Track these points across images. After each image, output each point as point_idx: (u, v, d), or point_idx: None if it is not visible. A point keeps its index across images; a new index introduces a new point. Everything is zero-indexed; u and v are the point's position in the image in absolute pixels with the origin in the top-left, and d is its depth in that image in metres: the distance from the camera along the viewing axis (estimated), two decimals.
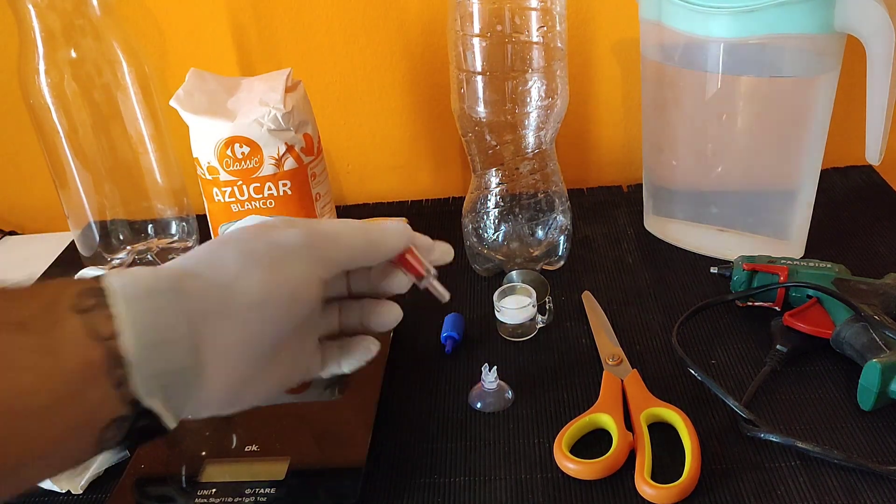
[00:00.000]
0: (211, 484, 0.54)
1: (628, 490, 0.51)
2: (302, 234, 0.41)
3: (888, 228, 0.78)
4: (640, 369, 0.60)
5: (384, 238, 0.45)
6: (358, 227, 0.44)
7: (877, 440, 0.54)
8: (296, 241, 0.40)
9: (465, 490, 0.53)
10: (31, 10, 0.70)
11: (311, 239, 0.41)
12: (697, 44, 0.67)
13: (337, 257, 0.42)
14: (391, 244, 0.46)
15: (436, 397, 0.62)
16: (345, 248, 0.43)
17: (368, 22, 0.86)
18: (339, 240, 0.43)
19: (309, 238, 0.41)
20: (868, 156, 0.65)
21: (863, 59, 0.61)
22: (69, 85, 0.73)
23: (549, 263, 0.76)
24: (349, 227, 0.44)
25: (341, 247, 0.43)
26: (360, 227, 0.44)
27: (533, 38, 0.65)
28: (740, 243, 0.74)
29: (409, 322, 0.71)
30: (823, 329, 0.60)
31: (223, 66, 0.89)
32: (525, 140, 0.69)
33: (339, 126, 0.92)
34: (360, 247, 0.44)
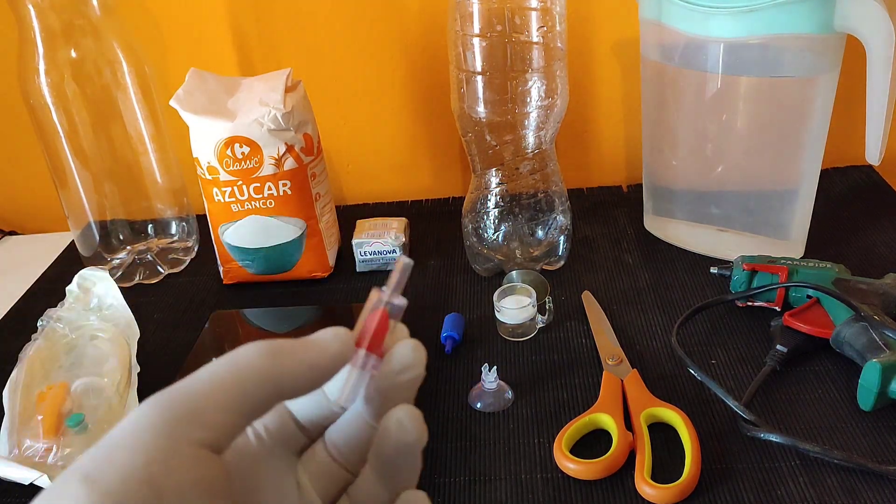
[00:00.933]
0: None
1: (628, 490, 0.51)
2: (146, 404, 0.26)
3: (888, 228, 0.78)
4: (640, 369, 0.60)
5: (298, 349, 0.29)
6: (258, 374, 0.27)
7: (877, 440, 0.54)
8: (133, 416, 0.25)
9: (465, 490, 0.53)
10: (31, 10, 0.70)
11: (159, 405, 0.26)
12: (697, 44, 0.67)
13: (213, 408, 0.26)
14: (319, 380, 0.29)
15: (436, 397, 0.62)
16: (224, 395, 0.26)
17: (368, 22, 0.86)
18: (208, 383, 0.26)
19: (155, 405, 0.26)
20: (868, 156, 0.65)
21: (863, 59, 0.61)
22: (69, 85, 0.73)
23: (549, 263, 0.76)
24: (243, 375, 0.27)
25: (215, 391, 0.26)
26: (262, 376, 0.27)
27: (533, 38, 0.65)
28: (740, 243, 0.74)
29: (409, 322, 0.71)
30: (823, 329, 0.60)
31: (223, 66, 0.89)
32: (525, 140, 0.69)
33: (339, 126, 0.92)
34: (266, 404, 0.27)
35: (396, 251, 0.77)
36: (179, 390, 0.26)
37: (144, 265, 0.82)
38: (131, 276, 0.81)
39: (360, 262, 0.78)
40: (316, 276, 0.78)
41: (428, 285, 0.76)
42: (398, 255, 0.77)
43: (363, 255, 0.78)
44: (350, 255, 0.78)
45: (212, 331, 0.70)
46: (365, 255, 0.78)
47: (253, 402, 0.27)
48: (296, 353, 0.28)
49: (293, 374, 0.28)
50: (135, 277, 0.81)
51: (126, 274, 0.81)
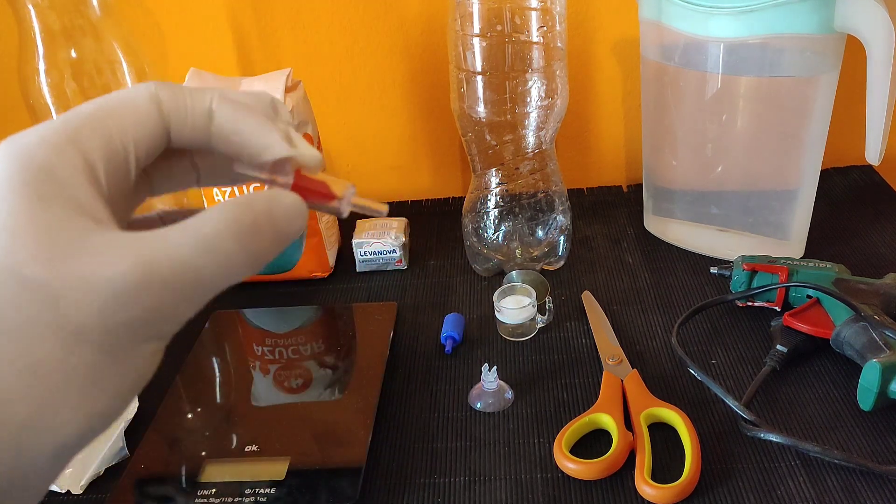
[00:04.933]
0: (211, 484, 0.54)
1: (628, 490, 0.51)
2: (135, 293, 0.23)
3: (888, 228, 0.78)
4: (640, 369, 0.60)
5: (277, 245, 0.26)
6: (233, 240, 0.24)
7: (877, 440, 0.54)
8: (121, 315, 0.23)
9: (465, 490, 0.53)
10: (31, 10, 0.70)
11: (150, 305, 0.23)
12: (697, 44, 0.67)
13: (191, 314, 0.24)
14: (284, 246, 0.26)
15: (436, 397, 0.62)
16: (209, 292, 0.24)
17: (368, 22, 0.86)
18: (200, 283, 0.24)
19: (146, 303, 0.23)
20: (868, 156, 0.65)
21: (863, 59, 0.61)
22: (69, 85, 0.73)
23: (549, 263, 0.76)
24: (217, 240, 0.24)
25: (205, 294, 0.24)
26: (238, 240, 0.24)
27: (533, 38, 0.65)
28: (740, 243, 0.74)
29: (409, 322, 0.71)
30: (823, 329, 0.60)
31: (223, 66, 0.89)
32: (525, 140, 0.69)
33: (339, 126, 0.92)
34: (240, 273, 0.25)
35: (396, 251, 0.77)
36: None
37: None
38: None
39: (360, 262, 0.78)
40: (316, 276, 0.78)
41: (428, 285, 0.76)
42: (398, 255, 0.77)
43: (363, 255, 0.78)
44: (350, 255, 0.78)
45: (212, 331, 0.70)
46: (365, 255, 0.78)
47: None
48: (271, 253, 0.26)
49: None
50: None
51: None
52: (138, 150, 0.26)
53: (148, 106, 0.26)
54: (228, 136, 0.27)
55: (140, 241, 0.23)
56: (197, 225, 0.24)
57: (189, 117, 0.27)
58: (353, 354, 0.66)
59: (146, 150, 0.26)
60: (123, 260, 0.23)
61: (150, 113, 0.26)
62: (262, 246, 0.25)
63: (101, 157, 0.24)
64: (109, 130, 0.25)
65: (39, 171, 0.23)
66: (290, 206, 0.26)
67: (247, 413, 0.60)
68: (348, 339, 0.69)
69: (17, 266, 0.22)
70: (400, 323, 0.71)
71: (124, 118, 0.25)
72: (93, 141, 0.24)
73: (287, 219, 0.26)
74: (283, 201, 0.26)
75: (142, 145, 0.26)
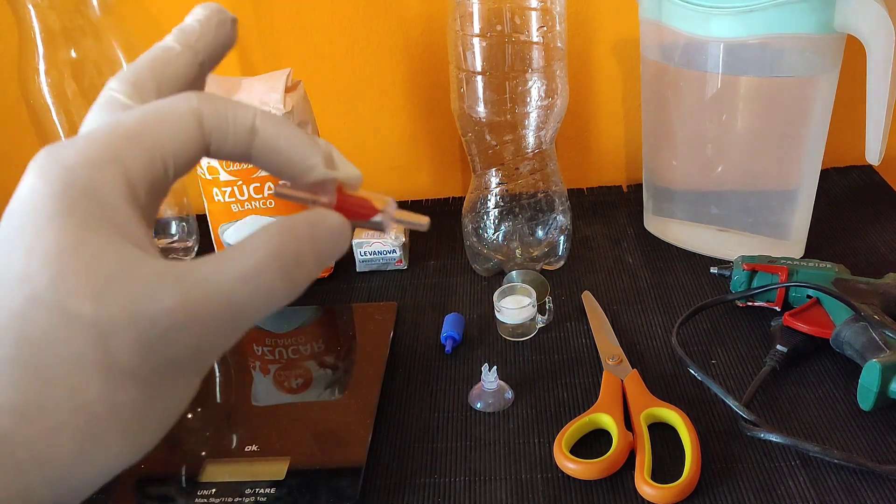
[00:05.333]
0: (211, 484, 0.54)
1: (628, 490, 0.51)
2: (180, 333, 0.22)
3: (888, 228, 0.78)
4: (640, 369, 0.60)
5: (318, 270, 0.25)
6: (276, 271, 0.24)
7: (877, 440, 0.54)
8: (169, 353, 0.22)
9: (465, 490, 0.53)
10: (31, 10, 0.70)
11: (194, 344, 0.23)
12: (697, 44, 0.67)
13: (228, 348, 0.24)
14: (323, 267, 0.26)
15: (436, 397, 0.62)
16: (250, 325, 0.24)
17: (368, 22, 0.86)
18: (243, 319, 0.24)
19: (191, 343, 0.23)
20: (868, 156, 0.65)
21: (863, 59, 0.61)
22: (69, 85, 0.73)
23: (549, 263, 0.76)
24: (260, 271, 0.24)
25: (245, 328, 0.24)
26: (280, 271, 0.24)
27: (533, 38, 0.65)
28: (740, 243, 0.74)
29: (409, 322, 0.71)
30: (823, 329, 0.60)
31: (223, 66, 0.88)
32: (525, 140, 0.69)
33: (339, 126, 0.92)
34: (279, 302, 0.24)
35: (396, 251, 0.77)
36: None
37: None
38: None
39: (360, 262, 0.78)
40: None
41: (428, 285, 0.76)
42: (398, 255, 0.77)
43: (363, 255, 0.78)
44: (350, 255, 0.78)
45: None
46: (365, 255, 0.78)
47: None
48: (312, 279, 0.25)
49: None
50: None
51: None
52: (178, 167, 0.25)
53: (190, 122, 0.25)
54: (270, 154, 0.26)
55: (185, 275, 0.23)
56: (240, 257, 0.23)
57: (231, 133, 0.25)
58: (353, 354, 0.66)
59: (185, 166, 0.25)
60: (169, 296, 0.22)
61: (190, 128, 0.25)
62: (305, 275, 0.25)
63: (143, 178, 0.24)
64: (151, 148, 0.24)
65: (83, 195, 0.22)
66: (334, 228, 0.26)
67: (247, 413, 0.60)
68: (348, 339, 0.69)
69: (64, 301, 0.21)
70: (400, 323, 0.71)
71: (165, 134, 0.24)
72: (135, 160, 0.23)
73: (331, 242, 0.25)
74: (327, 224, 0.25)
75: (181, 162, 0.25)
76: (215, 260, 0.23)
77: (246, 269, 0.23)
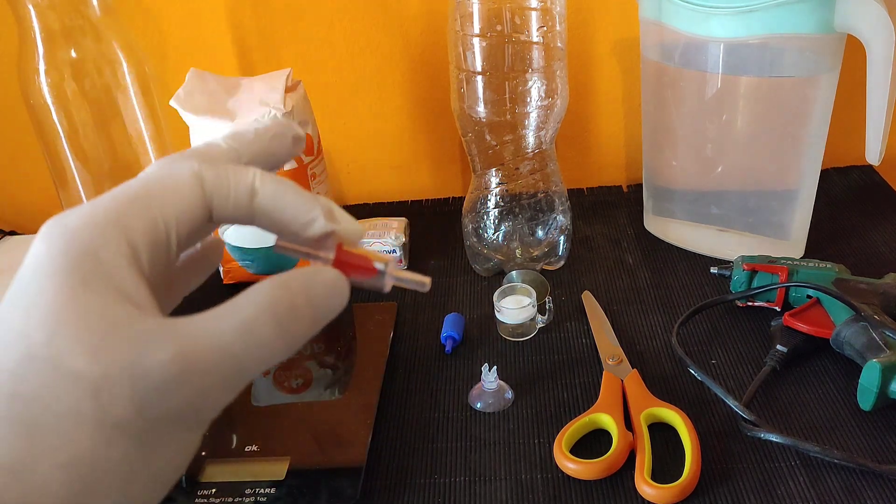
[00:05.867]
0: (211, 484, 0.54)
1: (628, 490, 0.51)
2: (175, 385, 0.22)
3: (888, 228, 0.78)
4: (640, 369, 0.60)
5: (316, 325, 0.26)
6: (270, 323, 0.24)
7: (877, 440, 0.54)
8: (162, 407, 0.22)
9: (465, 490, 0.53)
10: (31, 10, 0.70)
11: (190, 396, 0.23)
12: (697, 44, 0.67)
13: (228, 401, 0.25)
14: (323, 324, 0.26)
15: (436, 397, 0.62)
16: (246, 378, 0.24)
17: (368, 22, 0.86)
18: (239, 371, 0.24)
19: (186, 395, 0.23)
20: (868, 156, 0.65)
21: (863, 59, 0.61)
22: (69, 85, 0.73)
23: (549, 263, 0.76)
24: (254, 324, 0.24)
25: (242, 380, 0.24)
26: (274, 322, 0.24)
27: (533, 38, 0.65)
28: (740, 243, 0.74)
29: (409, 322, 0.71)
30: (823, 329, 0.60)
31: (223, 66, 0.89)
32: (525, 140, 0.69)
33: (339, 126, 0.92)
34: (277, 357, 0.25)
35: (396, 251, 0.77)
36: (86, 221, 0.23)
37: None
38: None
39: None
40: None
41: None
42: (398, 255, 0.77)
43: None
44: None
45: None
46: None
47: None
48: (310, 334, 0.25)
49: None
50: None
51: None
52: (180, 230, 0.25)
53: (192, 185, 0.25)
54: (271, 213, 0.27)
55: (180, 329, 0.23)
56: (235, 310, 0.24)
57: (232, 195, 0.26)
58: (353, 354, 0.66)
59: (188, 231, 0.26)
60: (163, 350, 0.22)
61: (193, 192, 0.25)
62: (301, 328, 0.25)
63: (146, 242, 0.24)
64: (154, 213, 0.24)
65: (83, 255, 0.23)
66: (329, 282, 0.26)
67: (247, 413, 0.60)
68: (348, 339, 0.69)
69: (59, 356, 0.21)
70: (400, 323, 0.71)
71: (168, 199, 0.25)
72: (138, 224, 0.24)
73: (326, 296, 0.26)
74: (322, 279, 0.26)
75: (184, 226, 0.25)
76: (211, 314, 0.24)
77: (241, 321, 0.23)
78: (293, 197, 0.27)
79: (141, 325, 0.22)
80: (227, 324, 0.23)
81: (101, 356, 0.22)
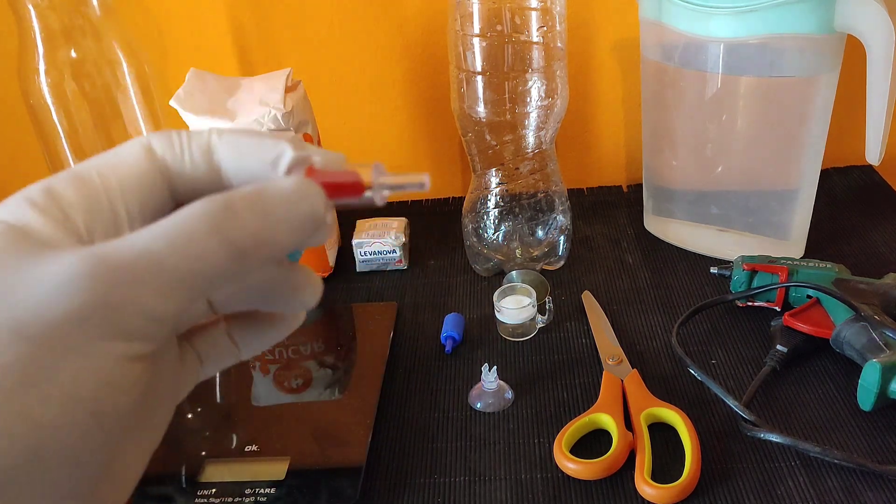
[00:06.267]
0: (211, 484, 0.54)
1: (628, 490, 0.51)
2: (84, 287, 0.20)
3: (888, 228, 0.78)
4: (640, 369, 0.60)
5: (267, 234, 0.23)
6: (207, 226, 0.22)
7: (877, 440, 0.54)
8: (72, 306, 0.20)
9: (465, 490, 0.53)
10: (31, 10, 0.70)
11: (104, 290, 0.21)
12: (697, 44, 0.67)
13: (165, 310, 0.22)
14: (285, 240, 0.23)
15: (436, 397, 0.62)
16: (178, 287, 0.22)
17: (368, 22, 0.86)
18: (163, 274, 0.21)
19: (99, 289, 0.21)
20: (868, 156, 0.65)
21: (863, 59, 0.61)
22: (69, 85, 0.73)
23: (549, 263, 0.76)
24: (186, 232, 0.22)
25: (172, 286, 0.22)
26: (213, 226, 0.22)
27: (533, 38, 0.65)
28: (740, 243, 0.74)
29: (409, 322, 0.71)
30: (823, 329, 0.60)
31: (223, 66, 0.89)
32: (525, 140, 0.69)
33: (339, 126, 0.92)
34: (217, 268, 0.22)
35: (396, 251, 0.77)
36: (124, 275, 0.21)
37: None
38: None
39: (360, 262, 0.78)
40: None
41: (428, 285, 0.76)
42: (398, 255, 0.77)
43: (363, 255, 0.78)
44: (350, 255, 0.78)
45: None
46: (365, 255, 0.78)
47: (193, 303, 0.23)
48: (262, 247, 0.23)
49: (251, 270, 0.23)
50: None
51: None
52: (127, 198, 0.24)
53: (137, 153, 0.24)
54: (237, 162, 0.25)
55: (94, 247, 0.21)
56: (165, 220, 0.22)
57: (186, 156, 0.25)
58: (353, 354, 0.66)
59: (139, 198, 0.24)
60: (71, 255, 0.21)
61: (138, 160, 0.24)
62: (245, 234, 0.22)
63: (82, 209, 0.23)
64: (94, 182, 0.24)
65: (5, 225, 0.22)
66: (283, 185, 0.23)
67: (247, 413, 0.60)
68: (348, 339, 0.69)
69: None
70: (400, 323, 0.71)
71: (111, 171, 0.24)
72: (68, 193, 0.23)
73: (280, 201, 0.23)
74: (273, 183, 0.23)
75: (131, 193, 0.24)
76: (143, 229, 0.22)
77: (170, 226, 0.22)
78: (255, 138, 0.25)
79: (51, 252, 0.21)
80: (151, 231, 0.22)
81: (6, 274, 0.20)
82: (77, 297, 0.20)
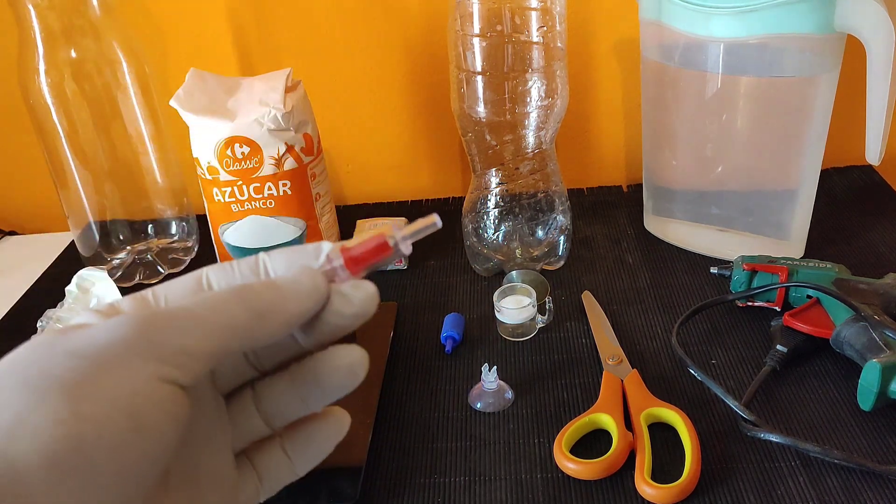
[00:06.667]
0: None
1: (628, 490, 0.51)
2: (128, 323, 0.25)
3: (888, 228, 0.78)
4: (640, 369, 0.60)
5: (280, 303, 0.28)
6: (233, 296, 0.27)
7: (877, 440, 0.54)
8: (117, 335, 0.25)
9: (465, 490, 0.53)
10: (31, 10, 0.70)
11: (145, 328, 0.25)
12: (697, 44, 0.67)
13: (197, 348, 0.26)
14: (295, 307, 0.28)
15: (436, 397, 0.62)
16: (209, 334, 0.26)
17: (369, 22, 0.86)
18: (196, 322, 0.26)
19: (141, 327, 0.25)
20: (868, 156, 0.65)
21: (863, 59, 0.61)
22: (69, 85, 0.73)
23: (549, 263, 0.76)
24: (217, 299, 0.27)
25: (203, 332, 0.26)
26: (237, 295, 0.27)
27: (533, 38, 0.65)
28: (740, 243, 0.74)
29: (409, 322, 0.71)
30: (823, 329, 0.60)
31: (223, 66, 0.89)
32: (525, 140, 0.69)
33: (339, 126, 0.92)
34: (241, 324, 0.27)
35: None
36: (162, 320, 0.26)
37: (144, 265, 0.82)
38: (131, 277, 0.81)
39: None
40: None
41: (428, 285, 0.76)
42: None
43: None
44: None
45: None
46: None
47: (226, 354, 0.27)
48: (277, 312, 0.28)
49: (273, 332, 0.28)
50: (135, 277, 0.81)
51: (126, 274, 0.81)
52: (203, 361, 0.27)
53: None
54: (289, 270, 0.30)
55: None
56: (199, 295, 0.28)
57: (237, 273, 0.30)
58: None
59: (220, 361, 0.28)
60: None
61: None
62: (260, 298, 0.28)
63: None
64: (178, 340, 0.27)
65: None
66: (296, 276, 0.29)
67: None
68: (348, 339, 0.69)
69: None
70: (400, 323, 0.71)
71: None
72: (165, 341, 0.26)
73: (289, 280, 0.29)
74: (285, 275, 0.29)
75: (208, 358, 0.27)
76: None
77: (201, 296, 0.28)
78: (298, 248, 0.31)
79: None
80: (188, 298, 0.28)
81: None
82: (122, 329, 0.25)
